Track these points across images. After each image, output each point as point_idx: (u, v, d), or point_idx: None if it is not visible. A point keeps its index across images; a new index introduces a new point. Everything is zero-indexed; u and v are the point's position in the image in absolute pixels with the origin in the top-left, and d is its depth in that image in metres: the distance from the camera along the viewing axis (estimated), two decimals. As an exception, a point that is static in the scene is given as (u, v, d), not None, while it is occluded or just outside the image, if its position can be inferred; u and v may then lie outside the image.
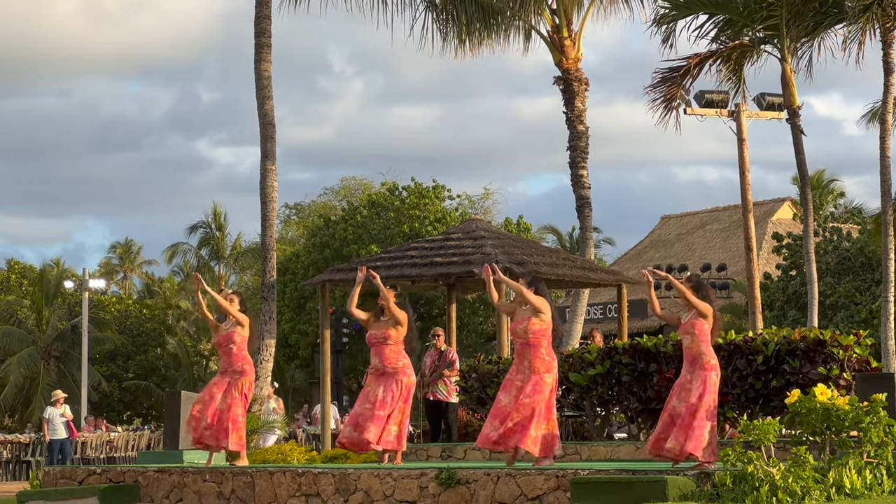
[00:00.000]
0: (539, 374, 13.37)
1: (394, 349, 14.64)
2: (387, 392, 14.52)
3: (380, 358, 14.68)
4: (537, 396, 13.28)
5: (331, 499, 13.52)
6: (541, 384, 13.34)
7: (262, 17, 25.17)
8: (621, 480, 11.61)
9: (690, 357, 12.87)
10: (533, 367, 13.39)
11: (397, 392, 14.55)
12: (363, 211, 52.88)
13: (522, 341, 13.48)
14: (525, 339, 13.46)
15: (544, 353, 13.43)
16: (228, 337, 15.33)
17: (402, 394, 14.58)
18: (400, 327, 14.68)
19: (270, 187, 24.62)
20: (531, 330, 13.42)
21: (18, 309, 54.40)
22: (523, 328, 13.46)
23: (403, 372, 14.63)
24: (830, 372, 15.84)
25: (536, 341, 13.42)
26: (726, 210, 51.56)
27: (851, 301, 38.56)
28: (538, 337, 13.43)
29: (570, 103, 29.57)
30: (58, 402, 30.68)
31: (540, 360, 13.40)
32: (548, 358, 13.45)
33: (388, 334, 14.67)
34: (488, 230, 25.76)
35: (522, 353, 13.48)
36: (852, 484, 11.27)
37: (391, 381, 14.57)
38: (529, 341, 13.43)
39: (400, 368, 14.62)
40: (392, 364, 14.63)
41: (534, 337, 13.42)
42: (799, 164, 29.11)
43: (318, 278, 25.89)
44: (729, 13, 28.53)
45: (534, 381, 13.33)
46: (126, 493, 14.90)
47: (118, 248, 77.91)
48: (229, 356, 15.32)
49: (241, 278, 67.01)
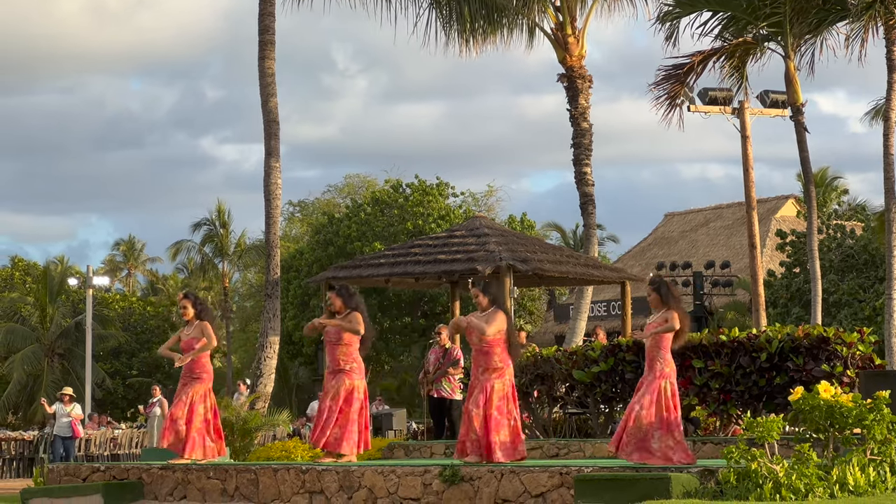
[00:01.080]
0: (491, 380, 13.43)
1: (345, 350, 14.64)
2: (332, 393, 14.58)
3: (331, 358, 14.72)
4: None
5: (335, 496, 13.53)
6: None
7: (266, 15, 25.19)
8: (625, 478, 11.61)
9: (648, 361, 12.85)
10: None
11: (342, 394, 14.54)
12: (367, 208, 52.89)
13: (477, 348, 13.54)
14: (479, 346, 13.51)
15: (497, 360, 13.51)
16: (189, 344, 15.50)
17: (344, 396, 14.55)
18: (355, 327, 14.62)
19: (274, 184, 24.63)
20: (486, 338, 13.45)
21: (22, 306, 54.44)
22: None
23: (349, 374, 14.60)
24: (834, 369, 15.84)
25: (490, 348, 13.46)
26: (730, 207, 51.56)
27: (855, 298, 38.55)
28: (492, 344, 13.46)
29: (574, 100, 29.58)
30: (63, 399, 30.67)
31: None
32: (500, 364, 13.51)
33: (341, 335, 14.68)
34: (492, 227, 25.78)
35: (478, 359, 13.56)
36: (856, 481, 11.26)
37: (338, 382, 14.57)
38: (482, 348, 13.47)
39: (347, 371, 14.60)
40: (341, 365, 14.63)
41: (487, 346, 13.45)
42: (802, 161, 29.09)
43: (322, 275, 25.93)
44: (732, 10, 28.50)
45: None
46: (130, 490, 14.91)
47: (122, 246, 77.95)
48: (195, 362, 15.46)
49: (245, 275, 67.05)
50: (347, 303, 14.71)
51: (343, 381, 14.56)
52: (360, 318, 14.60)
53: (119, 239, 79.96)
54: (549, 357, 18.44)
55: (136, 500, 14.86)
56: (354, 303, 14.73)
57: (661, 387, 12.61)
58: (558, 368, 18.27)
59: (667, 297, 12.82)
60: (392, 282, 26.23)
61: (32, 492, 15.67)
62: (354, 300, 14.75)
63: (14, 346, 52.54)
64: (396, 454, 17.78)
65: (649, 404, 12.54)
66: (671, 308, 12.76)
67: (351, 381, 14.58)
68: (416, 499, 12.98)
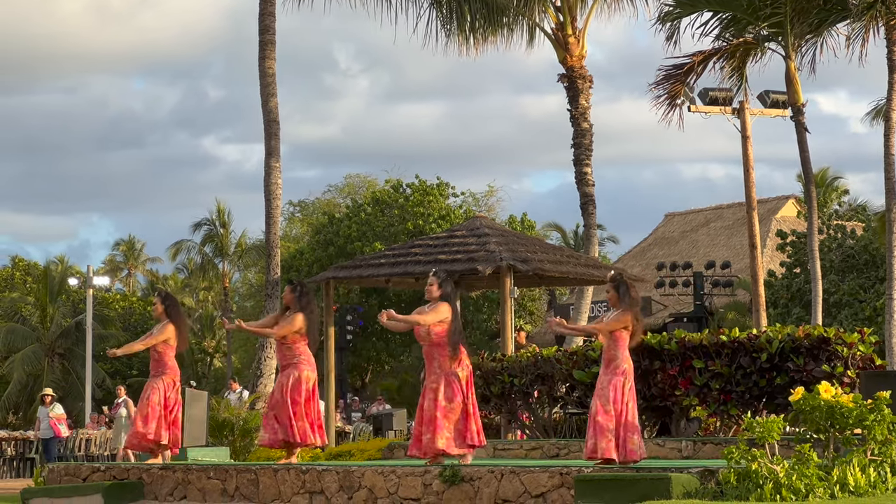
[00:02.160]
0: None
1: (290, 348, 14.83)
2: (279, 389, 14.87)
3: (279, 355, 15.03)
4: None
5: (335, 496, 13.53)
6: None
7: (267, 15, 25.19)
8: (625, 478, 11.61)
9: (606, 360, 12.89)
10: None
11: (287, 387, 14.73)
12: (367, 208, 52.90)
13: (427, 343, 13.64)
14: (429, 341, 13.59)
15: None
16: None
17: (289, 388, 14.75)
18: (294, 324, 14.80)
19: (274, 184, 24.63)
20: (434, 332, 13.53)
21: (23, 306, 54.47)
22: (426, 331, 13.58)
23: (297, 367, 14.79)
24: (834, 369, 15.83)
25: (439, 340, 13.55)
26: (730, 207, 51.54)
27: (855, 298, 38.56)
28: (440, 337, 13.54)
29: (575, 101, 29.57)
30: (45, 400, 30.57)
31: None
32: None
33: (283, 333, 14.89)
34: (492, 227, 25.76)
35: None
36: (856, 481, 11.26)
37: (288, 375, 14.80)
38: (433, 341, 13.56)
39: (292, 364, 14.81)
40: (283, 361, 14.93)
41: (437, 337, 13.52)
42: (803, 161, 29.09)
43: (322, 276, 25.89)
44: (733, 10, 28.50)
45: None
46: (130, 490, 14.90)
47: (122, 246, 77.98)
48: (156, 361, 15.96)
49: (245, 275, 67.06)
50: (299, 301, 14.88)
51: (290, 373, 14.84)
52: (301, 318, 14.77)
53: (119, 239, 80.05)
54: (550, 357, 18.43)
55: (137, 501, 14.85)
56: (304, 303, 14.88)
57: (621, 384, 12.75)
58: (559, 368, 18.25)
59: (624, 296, 12.91)
60: (392, 282, 26.19)
61: (33, 492, 15.66)
62: (304, 300, 14.91)
63: (14, 345, 52.55)
64: (397, 454, 17.78)
65: (611, 401, 12.69)
66: (627, 310, 12.87)
67: (299, 373, 14.81)
68: (416, 499, 12.98)
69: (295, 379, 14.78)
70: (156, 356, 15.99)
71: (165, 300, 16.05)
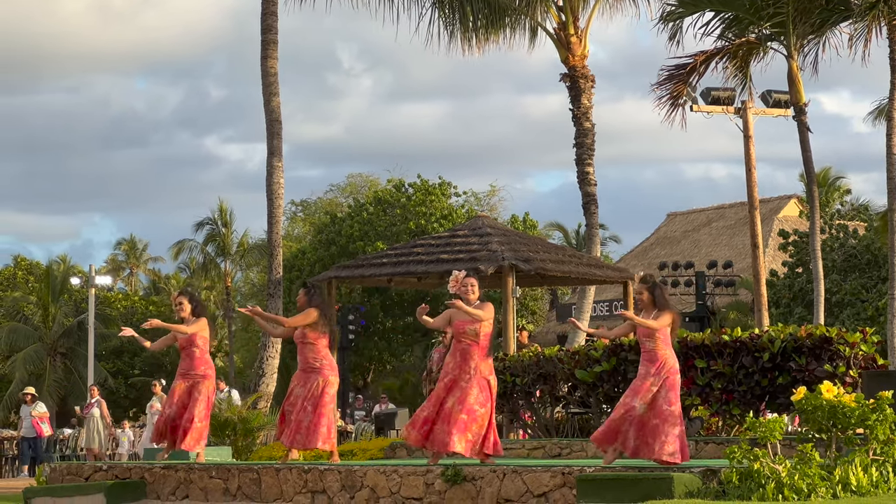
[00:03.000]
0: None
1: (313, 348, 14.63)
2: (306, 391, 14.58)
3: (301, 357, 14.68)
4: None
5: (337, 495, 13.53)
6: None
7: (269, 14, 25.20)
8: (627, 478, 11.61)
9: (651, 359, 12.80)
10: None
11: (317, 391, 14.54)
12: (369, 208, 52.91)
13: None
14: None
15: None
16: (191, 339, 15.36)
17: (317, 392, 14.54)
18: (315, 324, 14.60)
19: (277, 184, 24.64)
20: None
21: (25, 305, 54.48)
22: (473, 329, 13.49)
23: (320, 372, 14.56)
24: (836, 369, 15.82)
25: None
26: (732, 207, 51.54)
27: (858, 298, 38.55)
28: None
29: (577, 100, 29.57)
30: (26, 399, 30.45)
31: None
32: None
33: (296, 324, 14.65)
34: (494, 227, 25.77)
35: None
36: (858, 481, 11.26)
37: (311, 380, 14.56)
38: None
39: (318, 368, 14.57)
40: (311, 363, 14.60)
41: (484, 337, 13.48)
42: (805, 161, 29.08)
43: (325, 275, 25.91)
44: (735, 10, 28.50)
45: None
46: (132, 489, 14.90)
47: (124, 245, 78.00)
48: (191, 359, 15.41)
49: (247, 275, 67.07)
50: (311, 300, 14.71)
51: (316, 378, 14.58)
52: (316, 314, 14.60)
53: (121, 238, 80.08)
54: (552, 357, 18.44)
55: (139, 500, 14.85)
56: (317, 301, 14.73)
57: (674, 381, 12.68)
58: (561, 368, 18.26)
59: (660, 299, 12.84)
60: (394, 281, 26.21)
61: (35, 491, 15.66)
62: (316, 299, 14.75)
63: (16, 345, 52.58)
64: (399, 454, 17.78)
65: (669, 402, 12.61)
66: (667, 309, 12.82)
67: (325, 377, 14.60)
68: (418, 498, 12.98)
69: (320, 385, 14.48)
70: (196, 353, 15.40)
71: (193, 300, 15.58)
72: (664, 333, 12.72)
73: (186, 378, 15.44)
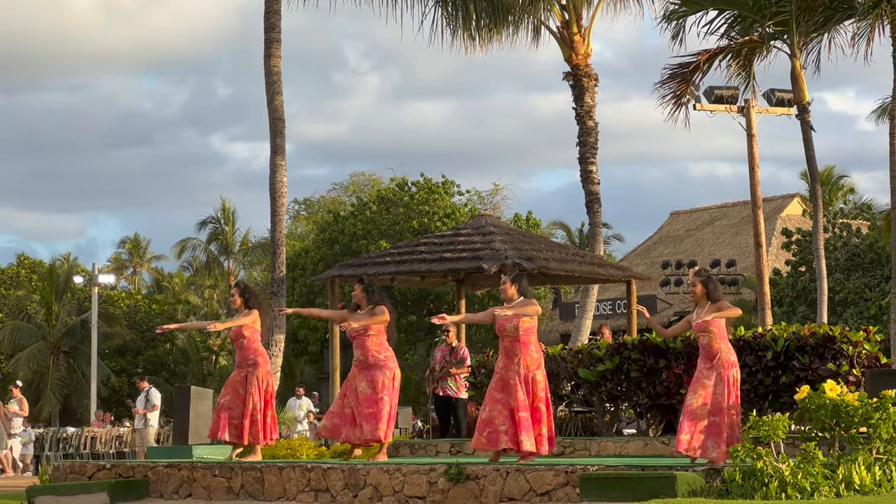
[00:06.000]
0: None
1: (375, 340, 14.61)
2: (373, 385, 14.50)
3: (362, 350, 14.57)
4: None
5: (340, 494, 13.53)
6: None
7: (272, 13, 25.20)
8: (630, 476, 11.61)
9: (709, 355, 12.80)
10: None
11: (388, 384, 14.52)
12: (372, 206, 52.92)
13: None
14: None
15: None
16: (238, 331, 15.41)
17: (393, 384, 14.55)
18: (379, 318, 14.58)
19: (280, 183, 24.64)
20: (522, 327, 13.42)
21: (28, 304, 54.51)
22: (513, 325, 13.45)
23: (386, 364, 14.56)
24: (840, 368, 15.82)
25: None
26: (735, 206, 51.51)
27: (861, 297, 38.53)
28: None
29: (580, 99, 29.57)
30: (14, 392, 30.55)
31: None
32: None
33: (368, 326, 14.60)
34: (497, 226, 25.77)
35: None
36: (861, 480, 11.26)
37: (377, 374, 14.53)
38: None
39: (383, 360, 14.57)
40: (375, 356, 14.55)
41: (525, 333, 13.41)
42: (808, 160, 29.07)
43: (328, 274, 25.92)
44: (738, 9, 28.49)
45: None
46: (135, 488, 14.91)
47: (127, 244, 78.03)
48: (242, 350, 15.43)
49: (251, 273, 67.10)
50: (370, 297, 14.68)
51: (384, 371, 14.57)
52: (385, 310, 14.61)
53: (124, 237, 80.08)
54: (555, 355, 18.44)
55: (142, 498, 14.87)
56: (379, 297, 14.70)
57: (734, 376, 12.70)
58: (564, 367, 18.26)
59: (714, 293, 12.88)
60: (398, 280, 26.22)
61: (38, 489, 15.66)
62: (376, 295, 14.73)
63: (20, 343, 52.61)
64: (402, 452, 17.78)
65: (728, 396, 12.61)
66: (722, 301, 12.88)
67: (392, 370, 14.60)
68: (421, 497, 12.98)
69: (388, 377, 14.45)
70: (245, 343, 15.35)
71: (245, 292, 15.57)
72: (718, 327, 12.76)
73: (241, 368, 15.46)
